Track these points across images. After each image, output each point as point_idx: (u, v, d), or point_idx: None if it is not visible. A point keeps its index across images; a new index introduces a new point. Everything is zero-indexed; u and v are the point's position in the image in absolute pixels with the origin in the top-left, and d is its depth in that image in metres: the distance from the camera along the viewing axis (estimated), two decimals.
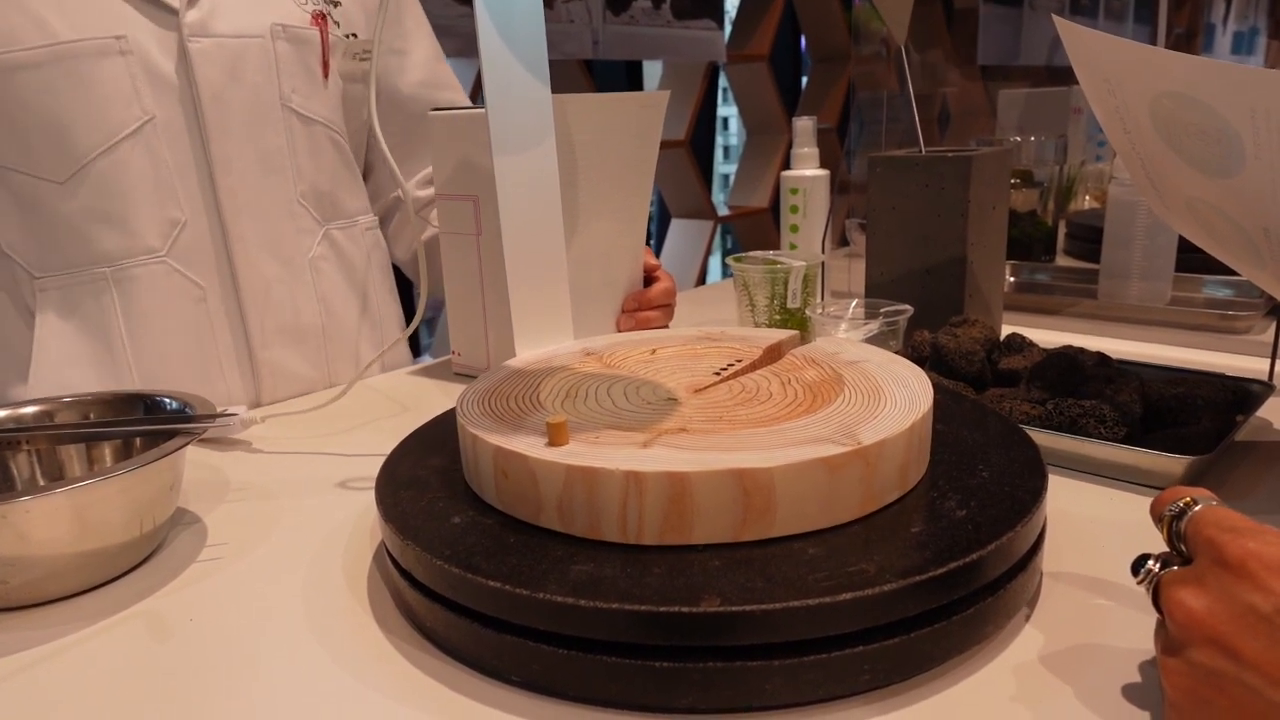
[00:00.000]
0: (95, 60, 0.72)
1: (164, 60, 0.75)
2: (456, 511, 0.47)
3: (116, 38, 0.73)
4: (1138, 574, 0.36)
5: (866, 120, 1.27)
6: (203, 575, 0.52)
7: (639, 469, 0.41)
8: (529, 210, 0.62)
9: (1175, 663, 0.33)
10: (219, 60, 0.77)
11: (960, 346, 0.71)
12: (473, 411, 0.51)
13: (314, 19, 0.84)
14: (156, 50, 0.75)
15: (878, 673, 0.38)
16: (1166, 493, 0.37)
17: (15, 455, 0.57)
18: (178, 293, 0.78)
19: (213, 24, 0.77)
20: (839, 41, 3.08)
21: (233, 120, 0.78)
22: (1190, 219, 0.57)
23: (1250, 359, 0.83)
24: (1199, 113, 0.47)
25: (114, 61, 0.73)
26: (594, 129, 0.82)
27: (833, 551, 0.41)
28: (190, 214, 0.78)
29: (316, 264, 0.86)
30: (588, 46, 2.29)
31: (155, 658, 0.44)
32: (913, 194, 0.83)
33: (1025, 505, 0.44)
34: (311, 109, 0.84)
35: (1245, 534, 0.33)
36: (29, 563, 0.47)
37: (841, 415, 0.47)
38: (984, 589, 0.41)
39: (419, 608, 0.44)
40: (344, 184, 0.90)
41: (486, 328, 0.84)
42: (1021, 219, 1.27)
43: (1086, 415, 0.60)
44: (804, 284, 0.89)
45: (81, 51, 0.71)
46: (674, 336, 0.65)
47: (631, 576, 0.39)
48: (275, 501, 0.61)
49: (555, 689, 0.39)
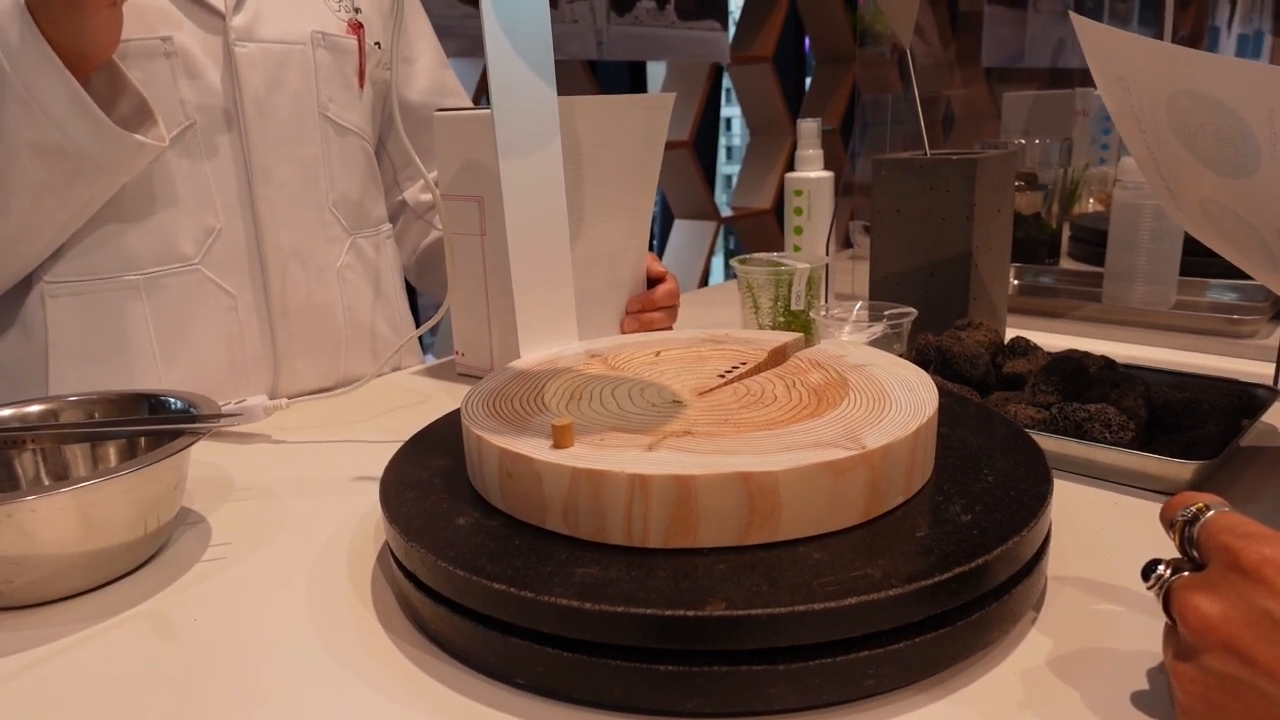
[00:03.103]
0: (140, 61, 0.71)
1: (208, 64, 0.74)
2: (461, 513, 0.47)
3: (162, 39, 0.72)
4: (1148, 579, 0.36)
5: (871, 122, 1.27)
6: (207, 575, 0.52)
7: (644, 472, 0.41)
8: (534, 211, 0.62)
9: (1188, 668, 0.33)
10: (263, 66, 0.76)
11: (965, 350, 0.71)
12: (477, 413, 0.51)
13: (350, 27, 0.83)
14: (201, 53, 0.74)
15: (883, 677, 0.38)
16: (1177, 498, 0.37)
17: (20, 454, 0.57)
18: (209, 301, 0.78)
19: (258, 29, 0.76)
20: (843, 43, 3.08)
21: (274, 128, 0.78)
22: (1203, 220, 0.57)
23: (1256, 363, 0.83)
24: (1216, 112, 0.47)
25: (159, 64, 0.72)
26: (599, 131, 0.82)
27: (838, 556, 0.40)
28: (226, 222, 0.77)
29: (343, 273, 0.86)
30: (592, 47, 2.29)
31: (159, 658, 0.44)
32: (917, 196, 0.83)
33: (1031, 510, 0.44)
34: (347, 118, 0.84)
35: (1261, 540, 0.32)
36: (34, 562, 0.47)
37: (846, 419, 0.47)
38: (989, 594, 0.40)
39: (423, 610, 0.44)
40: (370, 193, 0.90)
41: (491, 329, 0.84)
42: (1026, 222, 1.27)
43: (1092, 419, 0.60)
44: (808, 286, 0.89)
45: (128, 52, 0.70)
46: (678, 338, 0.65)
47: (637, 580, 0.39)
48: (279, 501, 0.61)
49: (560, 692, 0.39)
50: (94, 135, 0.66)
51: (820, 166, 1.10)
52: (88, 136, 0.65)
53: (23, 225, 0.69)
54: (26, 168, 0.66)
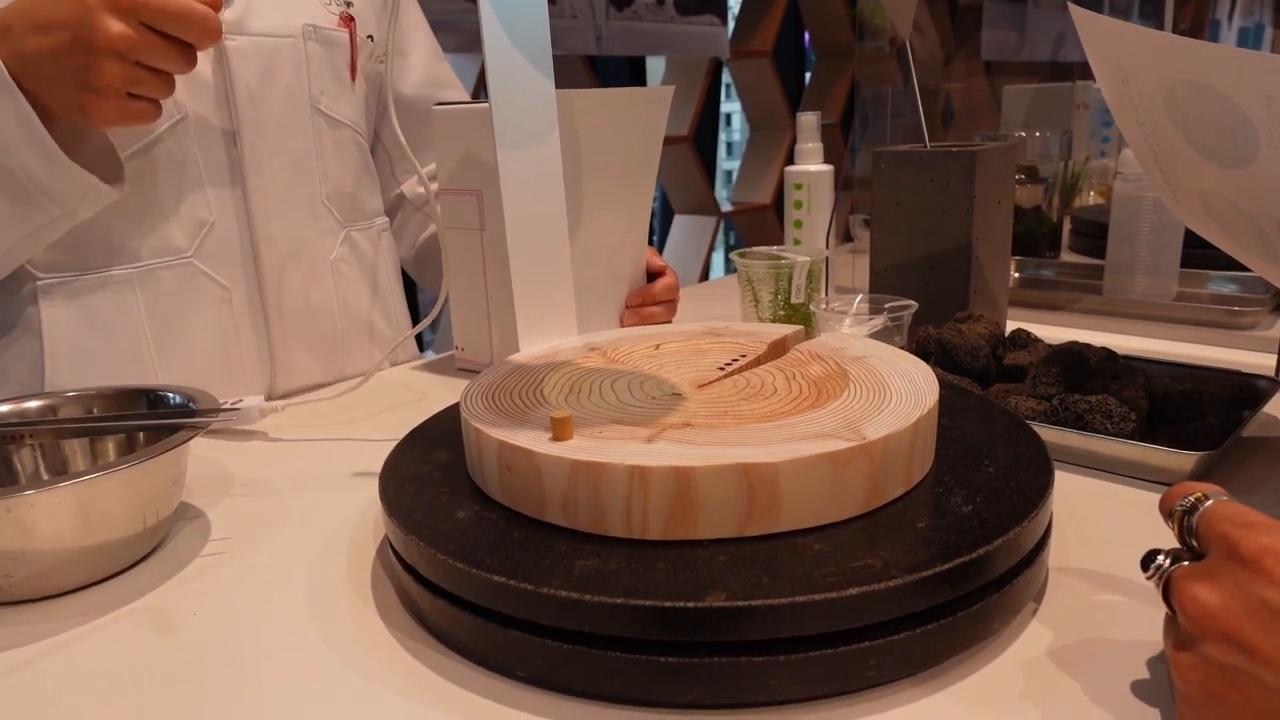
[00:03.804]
0: None
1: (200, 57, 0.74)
2: (461, 506, 0.47)
3: None
4: (1147, 569, 0.36)
5: (870, 116, 1.27)
6: (206, 570, 0.52)
7: (644, 464, 0.41)
8: (533, 205, 0.62)
9: (1188, 658, 0.33)
10: (254, 59, 0.76)
11: (965, 342, 0.70)
12: (477, 406, 0.50)
13: (342, 20, 0.83)
14: None
15: (884, 668, 0.38)
16: (1176, 488, 0.37)
17: (19, 449, 0.57)
18: (203, 294, 0.78)
19: (249, 22, 0.76)
20: (842, 37, 3.07)
21: (265, 121, 0.78)
22: (1202, 212, 0.57)
23: (1257, 354, 0.83)
24: (1214, 102, 0.47)
25: None
26: (598, 125, 0.82)
27: (838, 547, 0.40)
28: (219, 215, 0.77)
29: (337, 266, 0.86)
30: (591, 42, 2.29)
31: (159, 653, 0.44)
32: (917, 189, 0.83)
33: (1031, 500, 0.44)
34: (339, 111, 0.84)
35: (1260, 529, 0.32)
36: (33, 557, 0.47)
37: (846, 410, 0.47)
38: (990, 584, 0.40)
39: (423, 603, 0.44)
40: (365, 186, 0.90)
41: (490, 323, 0.84)
42: (1026, 214, 1.27)
43: (1092, 411, 0.60)
44: (808, 279, 0.88)
45: None
46: (678, 332, 0.65)
47: (636, 571, 0.39)
48: (279, 496, 0.61)
49: (560, 684, 0.39)
50: (46, 166, 0.64)
51: (820, 160, 1.09)
52: (39, 166, 0.64)
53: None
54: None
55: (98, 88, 0.61)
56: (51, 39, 0.60)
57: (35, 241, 0.70)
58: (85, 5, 0.59)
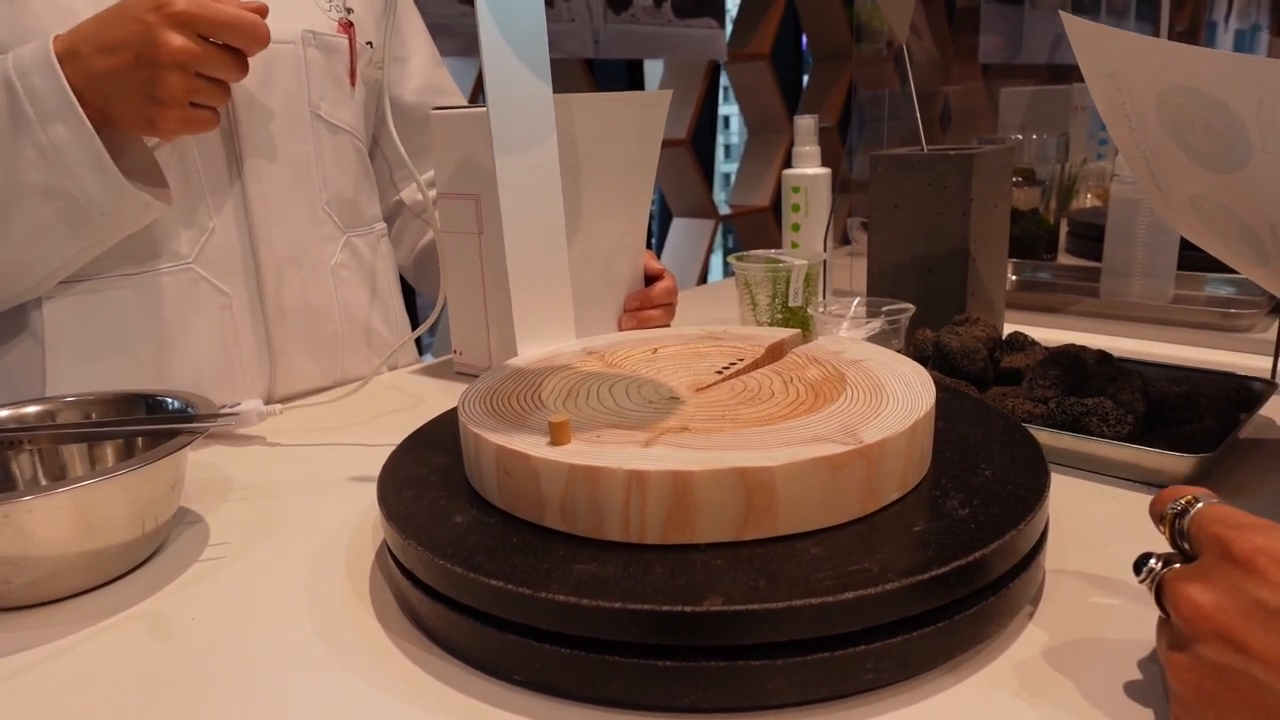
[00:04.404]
0: None
1: None
2: (458, 511, 0.47)
3: None
4: (1140, 573, 0.36)
5: (868, 118, 1.27)
6: (205, 575, 0.52)
7: (641, 468, 0.41)
8: (531, 209, 0.62)
9: (1182, 658, 0.33)
10: (254, 65, 0.76)
11: (962, 345, 0.71)
12: (475, 411, 0.51)
13: (341, 26, 0.84)
14: None
15: (881, 671, 0.38)
16: (1166, 492, 0.37)
17: (17, 455, 0.57)
18: (204, 300, 0.78)
19: None
20: (840, 40, 3.08)
21: (265, 127, 0.78)
22: (1193, 217, 0.57)
23: (1253, 357, 0.83)
24: (1206, 107, 0.47)
25: None
26: (596, 128, 0.82)
27: (835, 550, 0.40)
28: (219, 221, 0.77)
29: (338, 271, 0.86)
30: (589, 45, 2.29)
31: (157, 658, 0.44)
32: (915, 192, 0.83)
33: (1028, 503, 0.44)
34: (339, 117, 0.84)
35: (1252, 529, 0.33)
36: (31, 562, 0.47)
37: (843, 414, 0.47)
38: (987, 587, 0.40)
39: (421, 607, 0.44)
40: (364, 191, 0.90)
41: (488, 327, 0.84)
42: (1023, 217, 1.27)
43: (1089, 413, 0.60)
44: (806, 282, 0.89)
45: None
46: (676, 335, 0.65)
47: (634, 576, 0.39)
48: (277, 500, 0.61)
49: (557, 688, 0.39)
50: (105, 188, 0.66)
51: (818, 163, 1.09)
52: (99, 188, 0.66)
53: (19, 259, 0.69)
54: (32, 207, 0.66)
55: (164, 99, 0.64)
56: (117, 58, 0.63)
57: (85, 256, 0.72)
58: (146, 23, 0.62)
